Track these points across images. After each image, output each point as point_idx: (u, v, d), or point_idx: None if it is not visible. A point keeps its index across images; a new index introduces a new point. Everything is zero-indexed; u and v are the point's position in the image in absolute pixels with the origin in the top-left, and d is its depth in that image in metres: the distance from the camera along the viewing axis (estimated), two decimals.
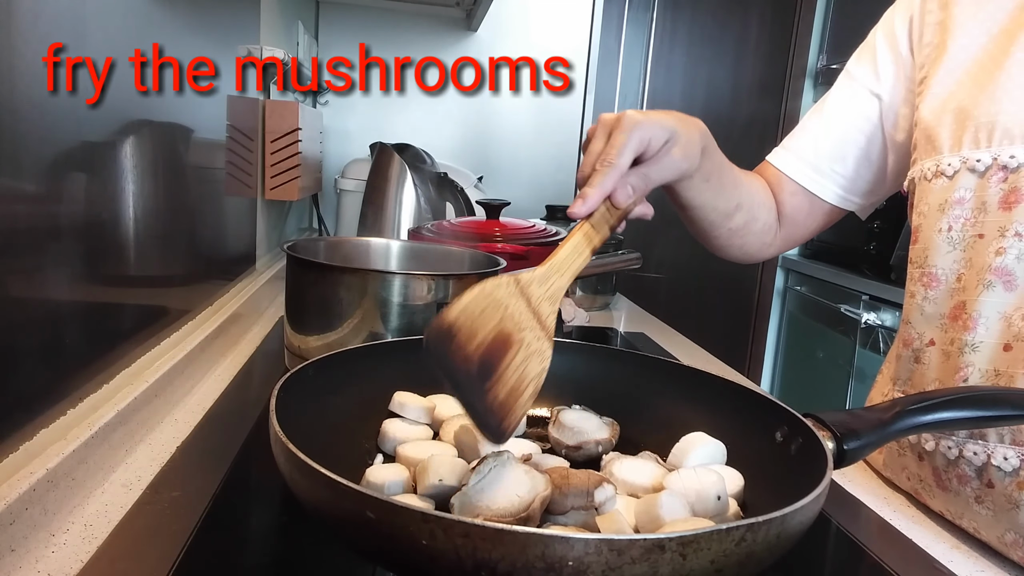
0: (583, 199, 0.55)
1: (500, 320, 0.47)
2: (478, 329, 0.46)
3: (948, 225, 0.61)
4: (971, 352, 0.58)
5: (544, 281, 0.51)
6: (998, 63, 0.60)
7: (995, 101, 0.58)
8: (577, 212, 0.55)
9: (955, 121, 0.61)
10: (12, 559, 0.45)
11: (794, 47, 2.99)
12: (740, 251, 0.81)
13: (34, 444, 0.51)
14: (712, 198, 0.71)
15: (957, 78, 0.63)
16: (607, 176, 0.55)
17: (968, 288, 0.59)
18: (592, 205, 0.55)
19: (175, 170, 0.83)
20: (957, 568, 0.56)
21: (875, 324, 2.10)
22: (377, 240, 0.95)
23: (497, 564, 0.32)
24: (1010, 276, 0.57)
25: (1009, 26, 0.61)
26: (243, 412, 0.74)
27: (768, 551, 0.36)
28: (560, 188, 2.33)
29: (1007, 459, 0.56)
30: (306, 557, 0.49)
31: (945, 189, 0.61)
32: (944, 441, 0.60)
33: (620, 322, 1.36)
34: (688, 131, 0.62)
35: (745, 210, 0.76)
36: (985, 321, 0.58)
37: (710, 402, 0.58)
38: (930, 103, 0.64)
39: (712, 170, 0.68)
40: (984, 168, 0.58)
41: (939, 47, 0.66)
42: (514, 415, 0.46)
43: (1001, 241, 0.57)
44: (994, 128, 0.58)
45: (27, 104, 0.50)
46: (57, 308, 0.57)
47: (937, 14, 0.68)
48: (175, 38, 0.80)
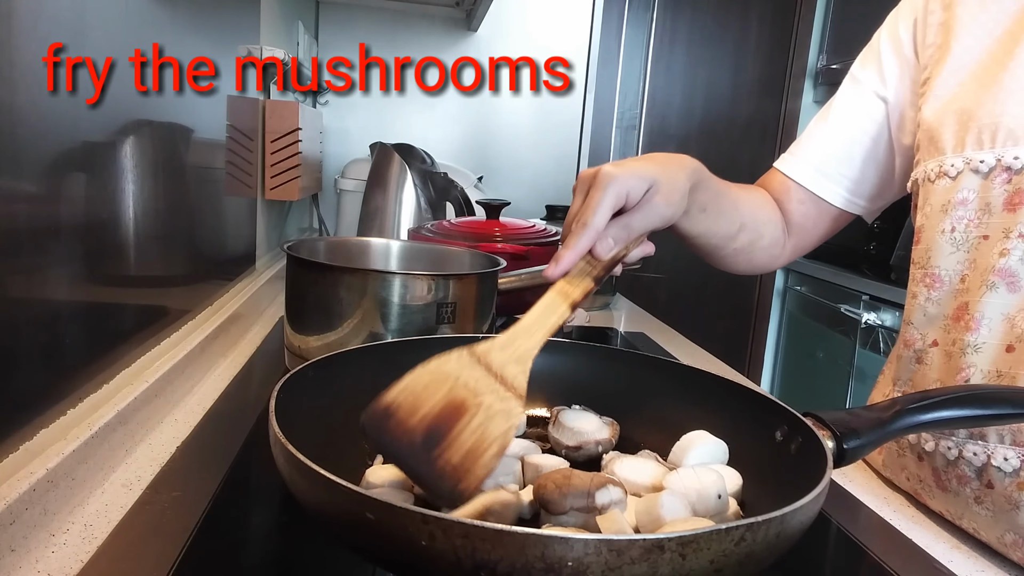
0: (556, 261, 0.54)
1: (449, 390, 0.47)
2: (422, 403, 0.46)
3: (951, 226, 0.61)
4: (973, 353, 0.58)
5: (506, 347, 0.50)
6: (1001, 64, 0.60)
7: (998, 102, 0.58)
8: (551, 274, 0.54)
9: (958, 122, 0.61)
10: (12, 559, 0.45)
11: (794, 47, 2.99)
12: (749, 266, 0.81)
13: (34, 444, 0.51)
14: (711, 225, 0.71)
15: (960, 79, 0.63)
16: (581, 237, 0.54)
17: (972, 289, 0.59)
18: (565, 267, 0.54)
19: (175, 170, 0.83)
20: (957, 568, 0.56)
21: (875, 324, 2.10)
22: (377, 240, 0.95)
23: (496, 564, 0.32)
24: (1014, 277, 0.57)
25: (1012, 28, 0.61)
26: (243, 412, 0.74)
27: (768, 551, 0.36)
28: (560, 188, 2.33)
29: (1007, 459, 0.56)
30: (306, 557, 0.49)
31: (948, 190, 0.61)
32: (944, 441, 0.60)
33: (620, 322, 1.36)
34: (671, 175, 0.60)
35: (749, 229, 0.76)
36: (988, 322, 0.58)
37: (710, 402, 0.58)
38: (933, 104, 0.64)
39: (708, 200, 0.68)
40: (988, 169, 0.58)
41: (942, 48, 0.66)
42: (473, 475, 0.45)
43: (1005, 242, 0.57)
44: (997, 129, 0.58)
45: (27, 104, 0.50)
46: (57, 308, 0.57)
47: (940, 15, 0.67)
48: (175, 38, 0.80)
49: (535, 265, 0.98)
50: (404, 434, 0.45)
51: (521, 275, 0.88)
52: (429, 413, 0.46)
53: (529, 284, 0.88)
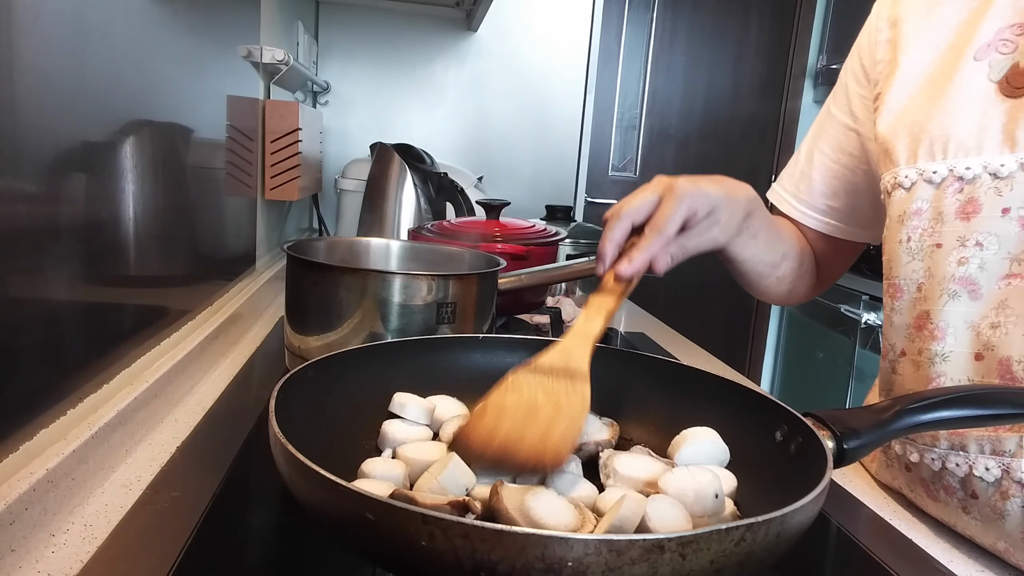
0: (629, 260, 0.58)
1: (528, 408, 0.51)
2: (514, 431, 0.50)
3: (907, 236, 0.62)
4: (942, 362, 0.59)
5: (562, 351, 0.55)
6: (948, 77, 0.61)
7: (947, 114, 0.59)
8: (625, 273, 0.58)
9: (910, 134, 0.62)
10: (12, 559, 0.45)
11: (794, 47, 2.99)
12: (788, 296, 0.83)
13: (34, 444, 0.51)
14: (758, 252, 0.72)
15: (910, 92, 0.64)
16: (655, 242, 0.58)
17: (930, 298, 0.60)
18: (638, 267, 0.58)
19: (175, 170, 0.83)
20: (957, 568, 0.56)
21: (875, 324, 2.10)
22: (377, 240, 0.95)
23: (496, 565, 0.32)
24: (974, 285, 0.57)
25: (955, 41, 0.62)
26: (243, 412, 0.74)
27: (768, 551, 0.36)
28: (560, 188, 2.33)
29: (988, 469, 0.56)
30: (306, 557, 0.49)
31: (903, 201, 0.62)
32: (928, 453, 0.60)
33: (620, 322, 1.36)
34: (732, 203, 0.64)
35: (791, 258, 0.78)
36: (953, 331, 0.58)
37: (710, 402, 0.58)
38: (886, 117, 0.65)
39: (760, 228, 0.70)
40: (940, 179, 0.59)
41: (891, 63, 0.67)
42: (558, 451, 0.49)
43: (962, 251, 0.57)
44: (948, 141, 0.59)
45: (27, 104, 0.50)
46: (57, 308, 0.57)
47: (887, 32, 0.69)
48: (175, 38, 0.80)
49: (535, 265, 0.98)
50: (486, 462, 0.49)
51: (521, 275, 0.88)
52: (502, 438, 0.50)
53: (529, 284, 0.88)
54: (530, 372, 0.54)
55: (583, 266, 0.92)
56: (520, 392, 0.52)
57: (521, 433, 0.49)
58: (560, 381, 0.53)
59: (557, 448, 0.49)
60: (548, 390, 0.52)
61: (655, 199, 0.60)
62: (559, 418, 0.50)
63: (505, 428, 0.50)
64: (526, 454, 0.48)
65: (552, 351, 0.55)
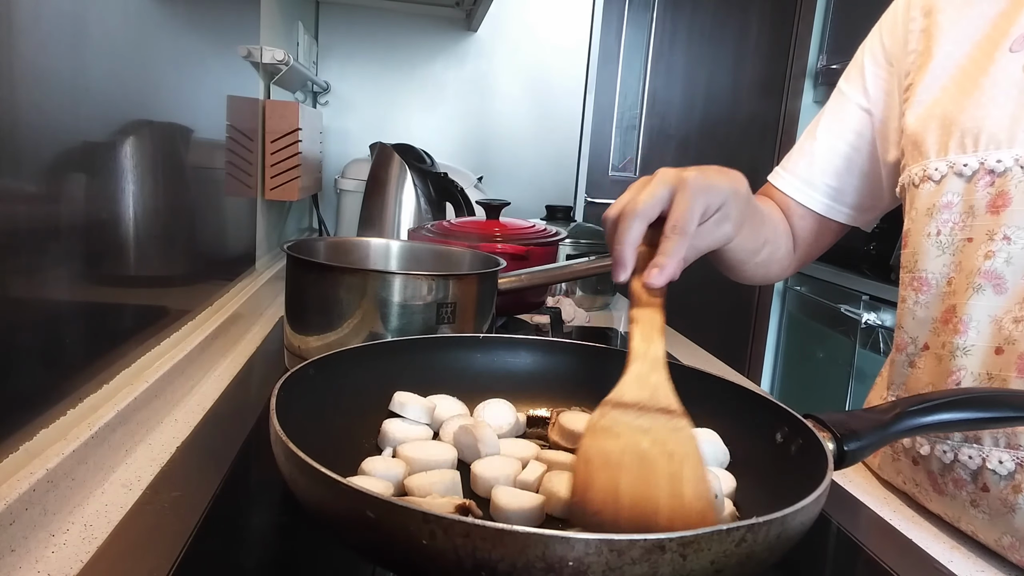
0: (660, 269, 0.51)
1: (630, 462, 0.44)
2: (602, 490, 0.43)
3: (937, 229, 0.61)
4: (963, 356, 0.59)
5: (638, 378, 0.48)
6: (982, 69, 0.60)
7: (980, 107, 0.59)
8: (659, 283, 0.51)
9: (941, 127, 0.61)
10: (12, 559, 0.45)
11: (794, 47, 2.99)
12: (763, 279, 0.83)
13: (34, 444, 0.51)
14: (742, 241, 0.70)
15: (943, 84, 0.63)
16: (680, 244, 0.52)
17: (958, 292, 0.59)
18: (671, 275, 0.51)
19: (175, 170, 0.83)
20: (957, 568, 0.56)
21: (875, 324, 2.10)
22: (377, 240, 0.95)
23: (497, 564, 0.32)
24: (1000, 279, 0.57)
25: (991, 33, 0.61)
26: (243, 412, 0.74)
27: (768, 552, 0.36)
28: (560, 188, 2.33)
29: (1002, 463, 0.56)
30: (306, 557, 0.49)
31: (933, 194, 0.62)
32: (939, 445, 0.60)
33: (620, 322, 1.36)
34: (737, 195, 0.59)
35: (771, 244, 0.77)
36: (976, 325, 0.58)
37: (710, 402, 0.58)
38: (916, 109, 0.65)
39: (747, 217, 0.67)
40: (971, 173, 0.59)
41: (924, 54, 0.66)
42: (703, 513, 0.42)
43: (990, 244, 0.57)
44: (980, 133, 0.58)
45: (27, 104, 0.50)
46: (57, 308, 0.57)
47: (921, 21, 0.68)
48: (175, 38, 0.80)
49: (535, 265, 0.98)
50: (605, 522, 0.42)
51: (521, 275, 0.88)
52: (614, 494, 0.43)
53: (529, 284, 0.88)
54: (619, 411, 0.47)
55: (583, 266, 0.92)
56: (618, 437, 0.45)
57: (646, 490, 0.43)
58: (655, 419, 0.46)
59: (702, 510, 0.42)
60: (649, 432, 0.45)
61: (667, 194, 0.54)
62: (682, 469, 0.43)
63: (625, 484, 0.43)
64: (666, 518, 0.42)
65: (628, 383, 0.48)
